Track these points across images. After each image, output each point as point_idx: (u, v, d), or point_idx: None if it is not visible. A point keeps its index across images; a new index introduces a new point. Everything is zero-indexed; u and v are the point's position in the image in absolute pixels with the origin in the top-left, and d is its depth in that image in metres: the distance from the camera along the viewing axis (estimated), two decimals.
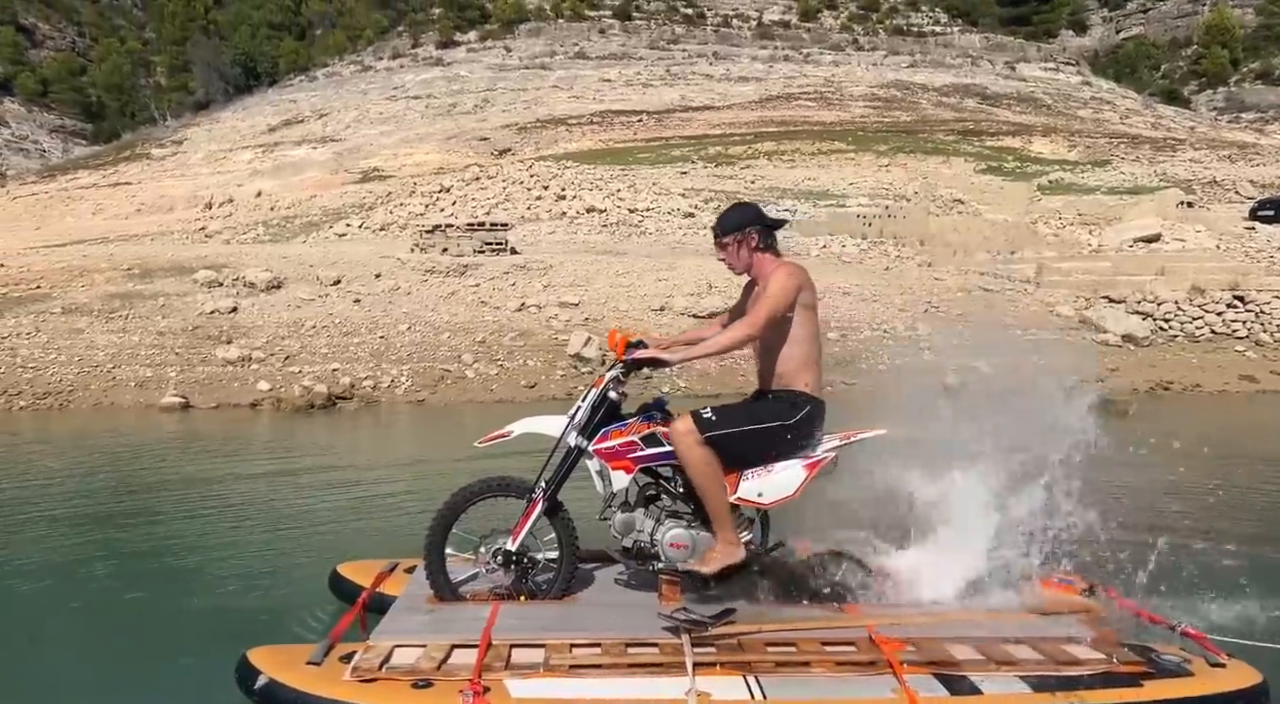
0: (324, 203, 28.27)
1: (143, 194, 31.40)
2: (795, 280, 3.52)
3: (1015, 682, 3.02)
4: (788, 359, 3.58)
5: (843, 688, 3.04)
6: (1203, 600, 3.68)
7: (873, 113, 43.97)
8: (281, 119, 44.94)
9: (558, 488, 3.73)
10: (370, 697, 3.06)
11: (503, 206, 25.06)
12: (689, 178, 28.87)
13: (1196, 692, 2.98)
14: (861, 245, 21.51)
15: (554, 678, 3.13)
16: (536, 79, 50.00)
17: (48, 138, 63.24)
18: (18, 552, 5.20)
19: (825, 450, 3.56)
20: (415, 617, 3.61)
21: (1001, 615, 3.42)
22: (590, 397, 3.75)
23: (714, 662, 3.17)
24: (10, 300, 14.15)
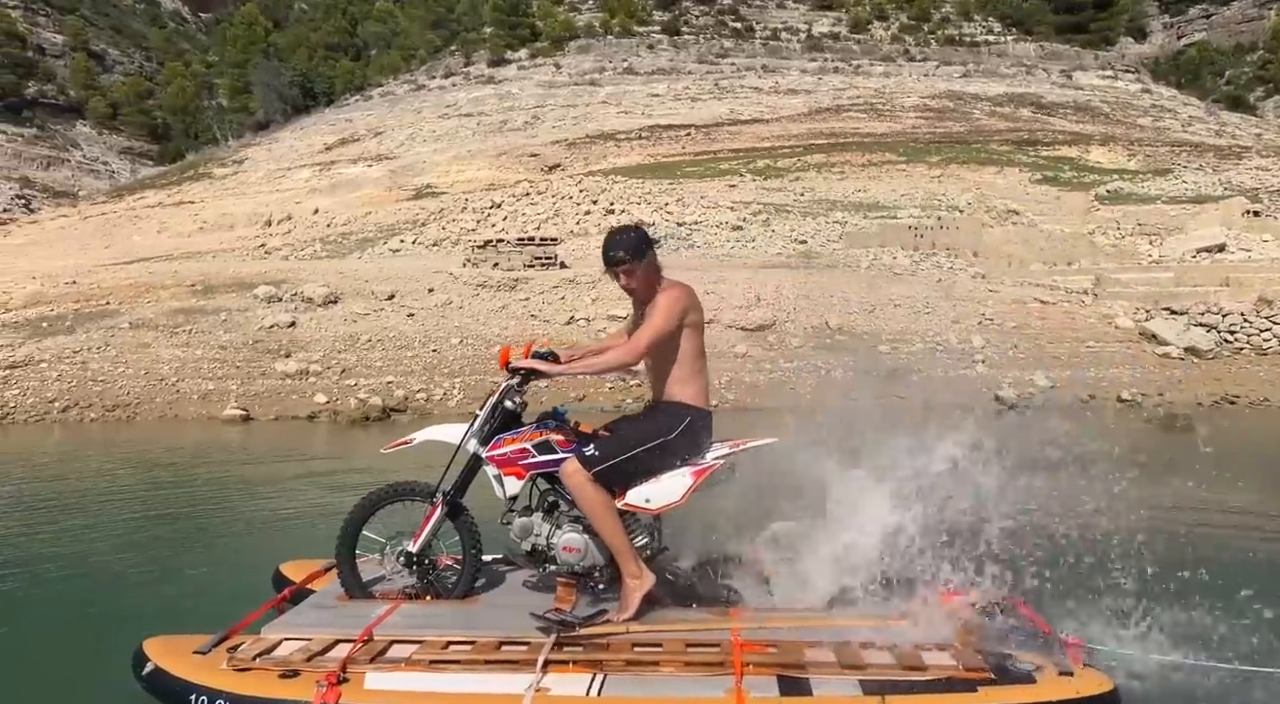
0: (379, 219, 28.85)
1: (205, 212, 32.37)
2: (681, 304, 3.65)
3: (850, 685, 3.07)
4: (671, 374, 3.70)
5: (679, 687, 3.12)
6: (1101, 611, 3.67)
7: (924, 123, 43.48)
8: (338, 138, 46.00)
9: (458, 493, 3.86)
10: (239, 685, 3.21)
11: (552, 221, 25.33)
12: (737, 191, 28.86)
13: (1030, 698, 3.00)
14: (913, 257, 21.27)
15: (413, 672, 3.24)
16: (586, 95, 50.48)
17: (117, 159, 65.59)
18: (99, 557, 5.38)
19: (714, 458, 3.65)
20: (317, 612, 3.78)
21: (875, 622, 3.43)
22: (488, 405, 3.88)
23: (568, 660, 3.26)
24: (82, 316, 14.70)
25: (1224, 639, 3.45)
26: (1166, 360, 13.89)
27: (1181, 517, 5.70)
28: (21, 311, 15.31)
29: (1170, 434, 10.58)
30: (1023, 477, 3.75)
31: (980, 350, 13.70)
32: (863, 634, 3.33)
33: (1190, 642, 3.44)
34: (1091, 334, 14.81)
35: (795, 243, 22.95)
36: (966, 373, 12.98)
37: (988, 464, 3.54)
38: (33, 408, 11.45)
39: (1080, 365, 13.53)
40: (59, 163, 61.91)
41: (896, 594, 3.53)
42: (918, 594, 3.52)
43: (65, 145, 64.02)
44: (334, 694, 3.12)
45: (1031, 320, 15.25)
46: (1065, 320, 15.40)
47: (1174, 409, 12.00)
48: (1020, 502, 3.61)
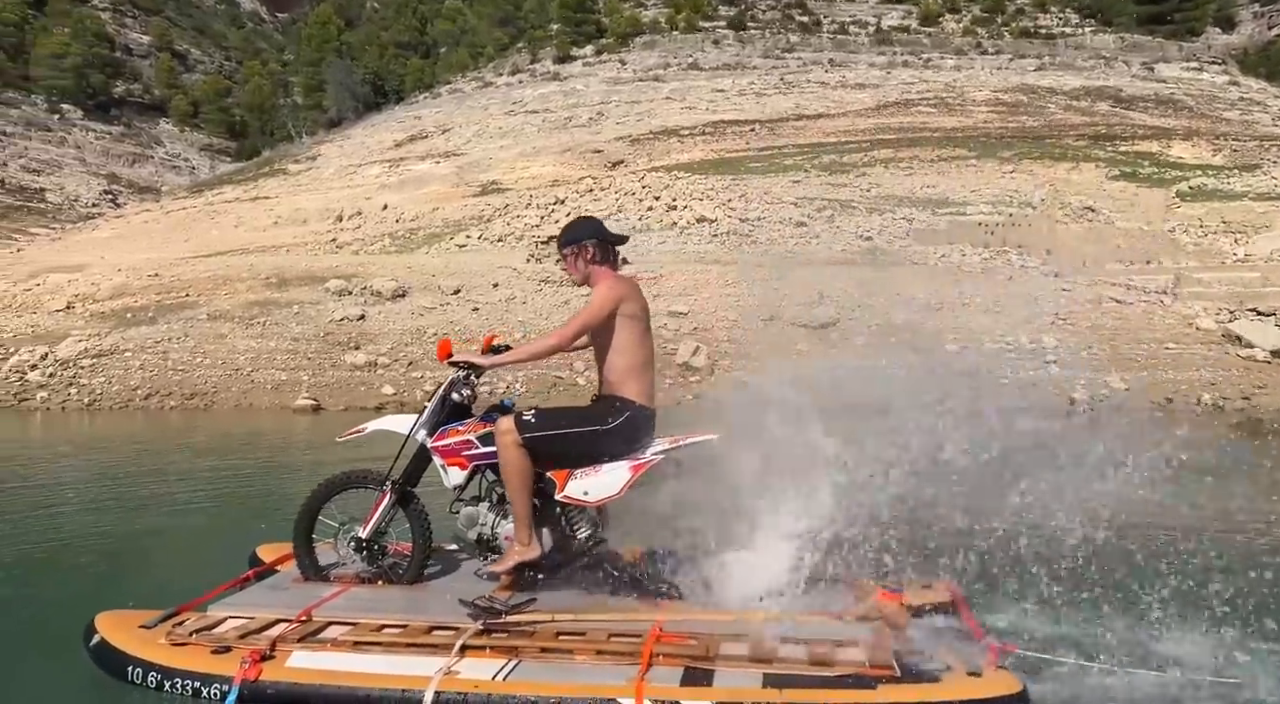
0: (445, 215, 29.30)
1: (280, 208, 33.31)
2: (614, 293, 3.73)
3: (752, 678, 3.13)
4: (612, 367, 3.77)
5: (584, 674, 3.21)
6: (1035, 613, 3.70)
7: (996, 118, 42.40)
8: (407, 135, 46.85)
9: (405, 481, 4.00)
10: (171, 658, 3.34)
11: (615, 217, 25.39)
12: (802, 187, 28.55)
13: (930, 697, 3.03)
14: (983, 254, 20.78)
15: (337, 652, 3.36)
16: (650, 91, 50.48)
17: (197, 156, 67.90)
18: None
19: (653, 454, 3.72)
20: (267, 593, 3.94)
21: (801, 617, 3.50)
22: (435, 397, 4.01)
23: (485, 645, 3.37)
24: (164, 308, 15.27)
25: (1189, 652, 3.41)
26: (1252, 363, 13.33)
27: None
28: (108, 302, 15.98)
29: (1257, 439, 10.15)
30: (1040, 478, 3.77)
31: (1052, 351, 13.34)
32: (785, 629, 3.38)
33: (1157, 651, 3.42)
34: (1171, 335, 14.28)
35: (860, 239, 22.62)
36: (1038, 374, 12.64)
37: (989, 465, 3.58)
38: (117, 395, 11.94)
39: (1158, 368, 13.06)
40: (144, 160, 64.38)
41: (833, 591, 3.60)
42: (852, 592, 3.61)
43: (150, 143, 66.54)
44: (255, 671, 3.22)
45: (1107, 321, 14.78)
46: (1143, 321, 14.88)
47: (1259, 414, 11.51)
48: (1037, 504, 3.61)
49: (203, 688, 3.25)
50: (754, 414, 4.07)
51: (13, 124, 58.41)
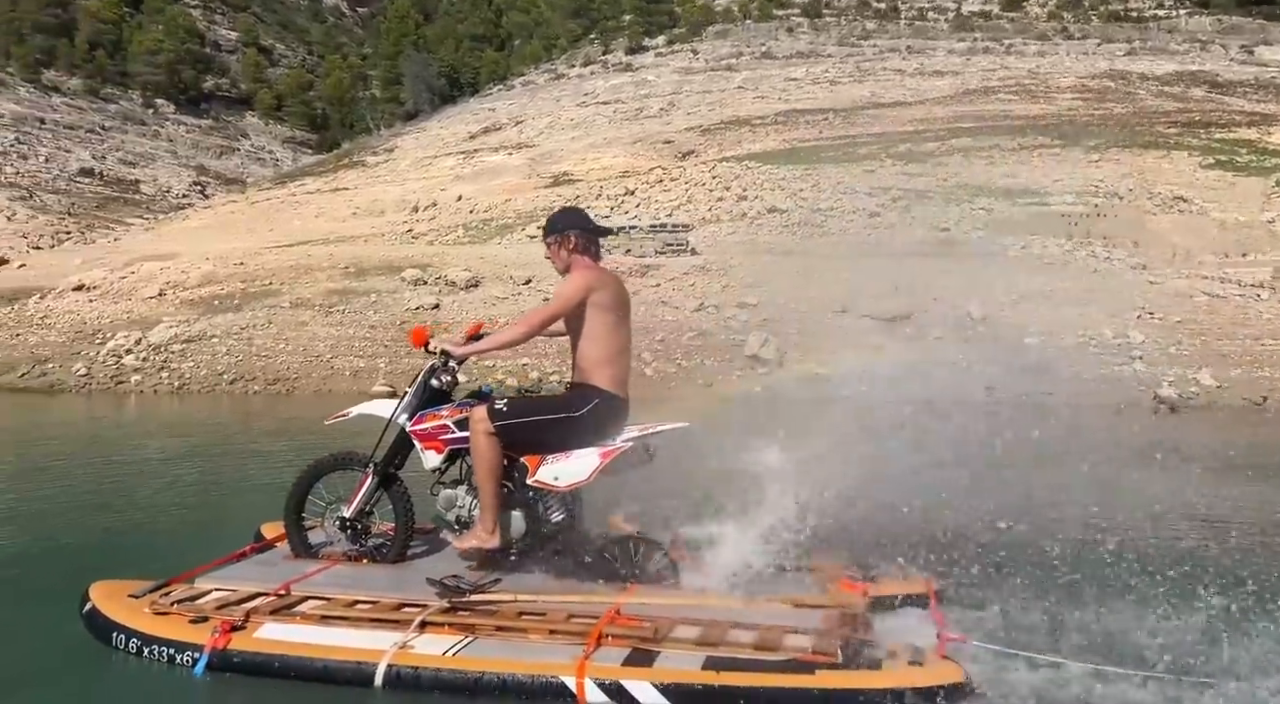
0: (517, 206, 29.64)
1: (358, 199, 34.14)
2: (583, 283, 3.81)
3: (694, 660, 3.21)
4: (584, 356, 3.86)
5: (531, 652, 3.31)
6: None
7: (1082, 105, 40.88)
8: (481, 127, 47.46)
9: (387, 464, 4.15)
10: (152, 626, 3.52)
11: (684, 208, 25.34)
12: (876, 176, 28.02)
13: (866, 683, 3.08)
14: (1065, 246, 20.11)
15: (305, 625, 3.51)
16: (722, 81, 50.10)
17: (280, 148, 70.03)
18: None
19: (623, 441, 3.81)
20: (255, 567, 4.11)
21: (757, 604, 3.57)
22: (416, 382, 4.14)
23: (444, 622, 3.48)
24: (249, 295, 15.83)
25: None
26: None
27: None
28: (196, 290, 16.64)
29: None
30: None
31: (1138, 346, 12.85)
32: (739, 614, 3.46)
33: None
34: (1268, 331, 13.62)
35: (937, 230, 22.09)
36: (1123, 370, 12.20)
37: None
38: (205, 379, 12.43)
39: (1253, 365, 12.47)
40: (230, 152, 66.69)
41: (802, 579, 3.69)
42: (820, 580, 3.70)
43: (236, 135, 68.89)
44: (225, 640, 3.38)
45: (1198, 315, 14.17)
46: (1237, 315, 14.22)
47: None
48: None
49: (176, 655, 3.41)
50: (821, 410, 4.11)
51: (111, 119, 61.12)
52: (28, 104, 57.08)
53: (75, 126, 58.20)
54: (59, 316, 15.85)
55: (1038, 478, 6.98)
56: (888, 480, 3.86)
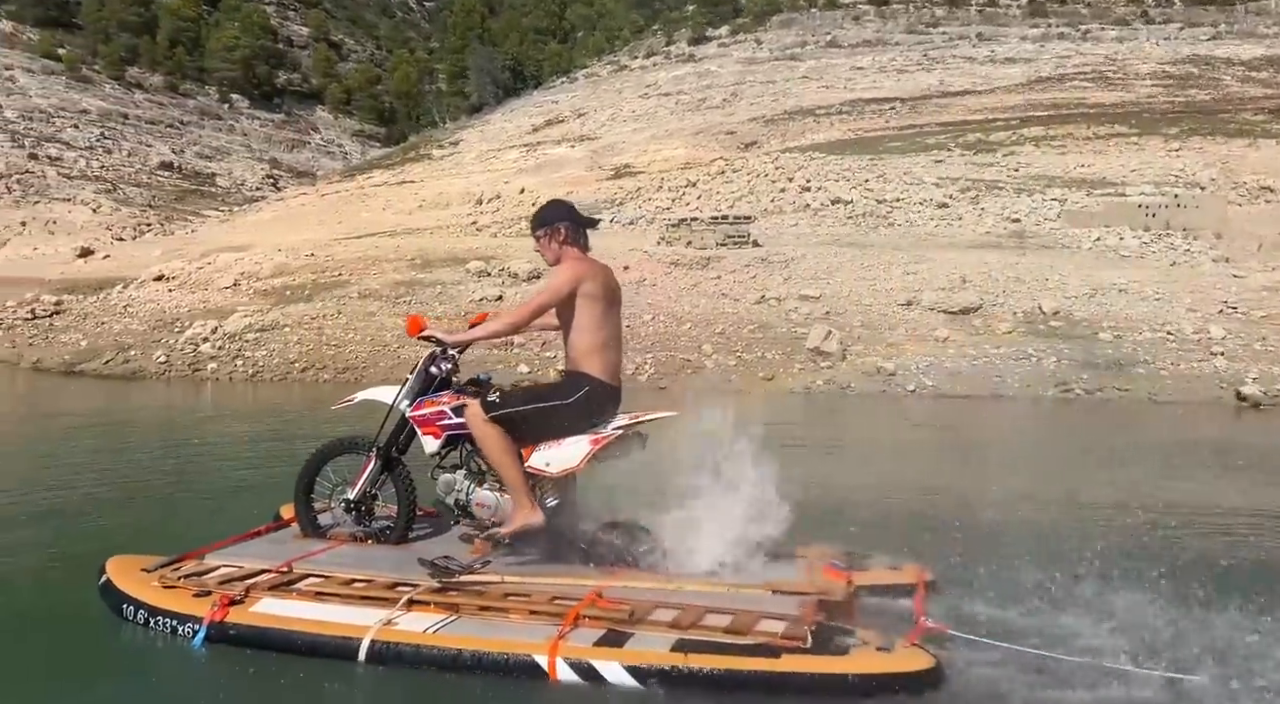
0: (579, 198, 29.77)
1: (424, 191, 34.72)
2: (572, 274, 3.89)
3: (665, 642, 3.28)
4: (574, 345, 3.94)
5: (508, 631, 3.42)
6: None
7: (1162, 92, 39.39)
8: (544, 119, 47.80)
9: (389, 448, 4.27)
10: (158, 599, 3.69)
11: (746, 200, 25.17)
12: (944, 166, 27.43)
13: (831, 668, 3.13)
14: (1143, 238, 19.44)
15: (300, 601, 3.65)
16: (786, 70, 49.56)
17: (349, 141, 71.61)
18: None
19: (613, 428, 3.88)
20: (264, 546, 4.27)
21: (738, 590, 3.62)
22: (416, 369, 4.24)
23: (430, 601, 3.59)
24: (319, 286, 16.25)
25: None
26: None
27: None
28: (269, 281, 17.13)
29: None
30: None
31: (1220, 342, 12.37)
32: (718, 599, 3.52)
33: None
34: None
35: (1007, 221, 21.55)
36: (1203, 366, 11.75)
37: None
38: (277, 367, 12.79)
39: None
40: (301, 145, 68.43)
41: (784, 567, 3.75)
42: (799, 568, 3.77)
43: (307, 129, 70.64)
44: (223, 613, 3.55)
45: None
46: None
47: None
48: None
49: (179, 626, 3.58)
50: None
51: (189, 114, 63.25)
52: (112, 101, 59.42)
53: (156, 122, 60.40)
54: (140, 306, 16.48)
55: (1099, 476, 6.80)
56: (928, 474, 3.83)
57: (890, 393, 11.30)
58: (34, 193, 46.92)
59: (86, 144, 54.21)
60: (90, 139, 54.85)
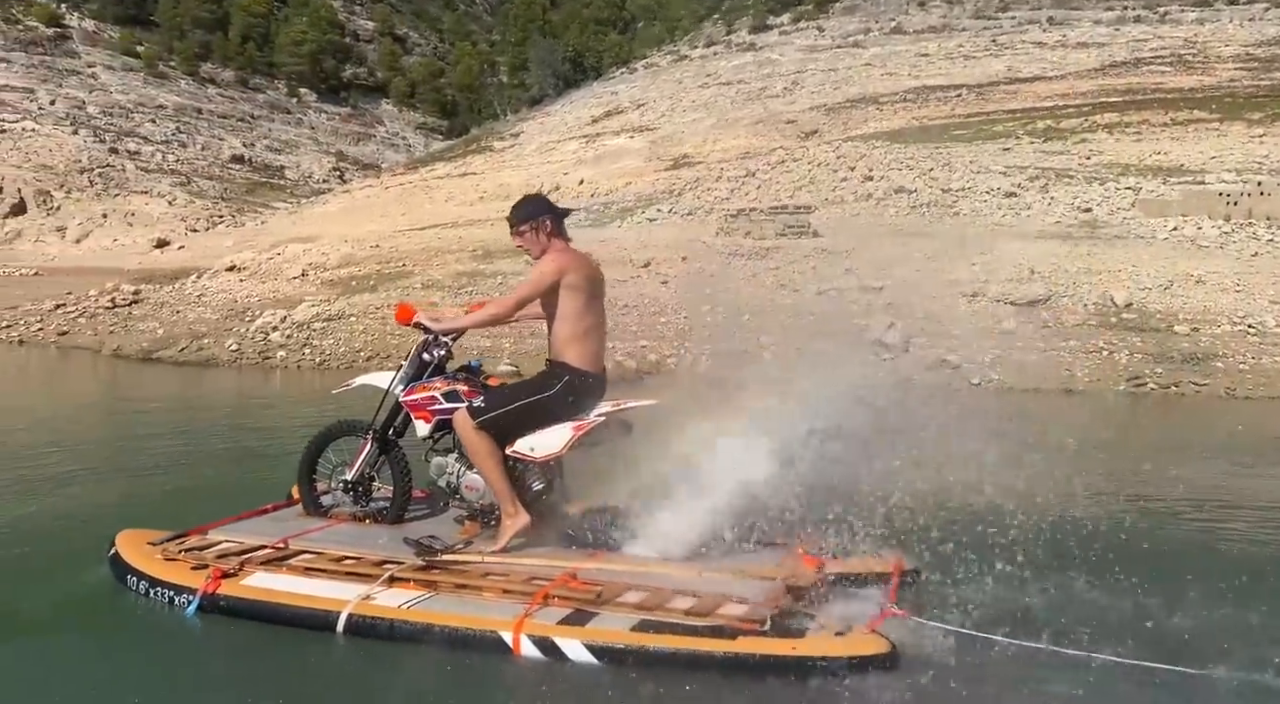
0: (637, 189, 29.80)
1: (485, 183, 35.09)
2: (556, 265, 4.02)
3: (627, 622, 3.40)
4: (556, 335, 4.07)
5: (477, 608, 3.55)
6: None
7: (1246, 76, 37.74)
8: (604, 110, 47.86)
9: (385, 431, 4.43)
10: (159, 571, 3.90)
11: (806, 189, 24.86)
12: (1012, 155, 26.73)
13: (781, 650, 3.22)
14: (1223, 228, 18.69)
15: (290, 575, 3.83)
16: (848, 58, 48.75)
17: (413, 134, 72.70)
18: None
19: (595, 415, 4.02)
20: (267, 523, 4.44)
21: (710, 573, 3.70)
22: (411, 355, 4.41)
23: (411, 578, 3.75)
24: (383, 276, 16.56)
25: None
26: None
27: None
28: (335, 271, 17.53)
29: None
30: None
31: None
32: (688, 583, 3.62)
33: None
34: None
35: (1078, 211, 20.91)
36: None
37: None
38: (343, 356, 13.09)
39: None
40: (367, 138, 69.71)
41: (759, 553, 3.85)
42: (774, 554, 3.85)
43: (372, 122, 71.92)
44: (216, 585, 3.74)
45: None
46: None
47: None
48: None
49: (175, 596, 3.80)
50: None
51: (259, 108, 64.89)
52: (187, 96, 61.29)
53: (228, 116, 62.10)
54: (213, 295, 17.03)
55: (1158, 473, 6.61)
56: (976, 469, 3.87)
57: (954, 386, 11.09)
58: (114, 186, 48.71)
59: (163, 138, 56.05)
60: (166, 133, 56.69)
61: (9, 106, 51.34)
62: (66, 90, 55.14)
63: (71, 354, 14.88)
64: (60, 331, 16.03)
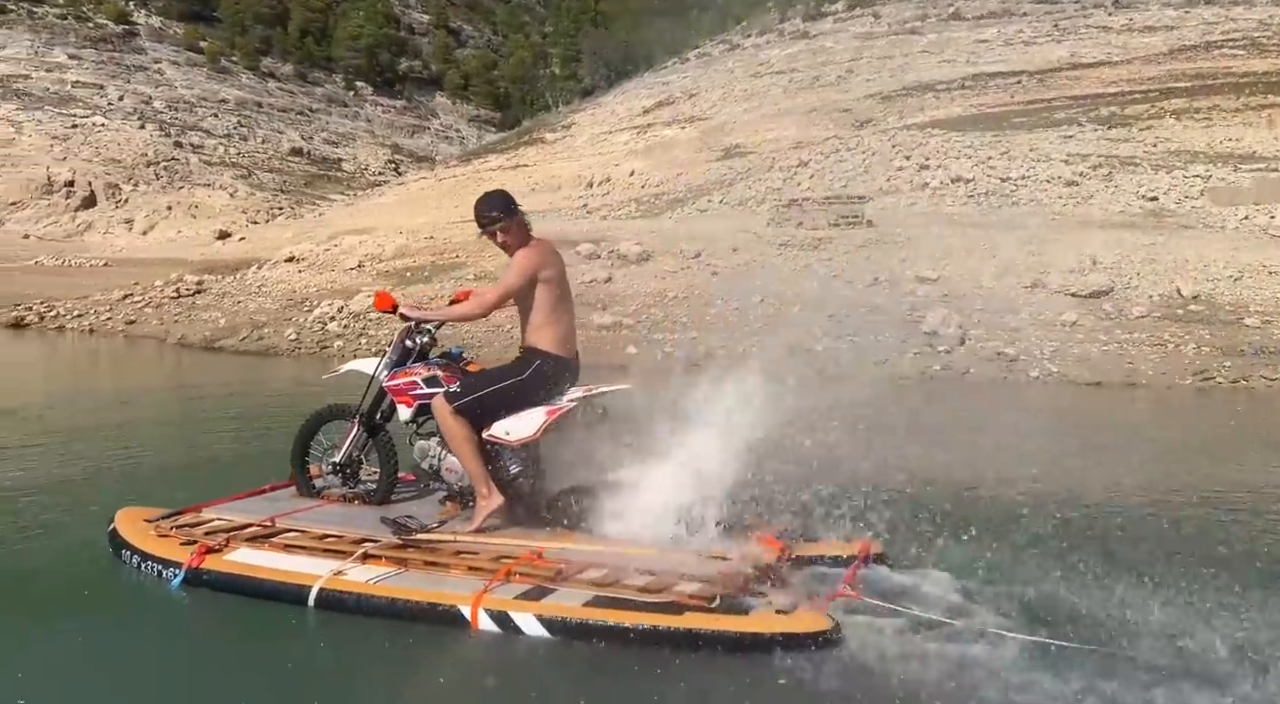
0: (688, 180, 29.68)
1: (536, 175, 35.30)
2: (532, 261, 4.20)
3: (581, 598, 3.53)
4: (529, 323, 4.25)
5: (442, 584, 3.70)
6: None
7: None
8: (655, 101, 47.73)
9: (371, 415, 4.58)
10: (150, 546, 4.09)
11: (860, 179, 24.51)
12: (1074, 142, 26.01)
13: (723, 625, 3.36)
14: None
15: (271, 551, 4.00)
16: (904, 45, 47.86)
17: (466, 126, 73.41)
18: None
19: (568, 401, 4.17)
20: (259, 503, 4.61)
21: (670, 553, 3.80)
22: (394, 343, 4.59)
23: (383, 555, 3.89)
24: (437, 268, 16.77)
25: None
26: None
27: None
28: (391, 262, 17.79)
29: None
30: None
31: None
32: (648, 563, 3.71)
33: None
34: None
35: (1143, 199, 20.28)
36: None
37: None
38: None
39: None
40: (421, 131, 70.59)
41: (720, 535, 3.92)
42: (740, 537, 3.91)
43: (426, 115, 72.78)
44: (199, 560, 3.92)
45: None
46: None
47: None
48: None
49: (163, 570, 3.99)
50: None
51: (317, 102, 66.11)
52: (248, 90, 62.69)
53: (287, 110, 63.40)
54: (273, 286, 17.41)
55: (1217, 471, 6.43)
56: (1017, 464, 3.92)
57: (1012, 379, 10.86)
58: (179, 179, 50.09)
59: (225, 132, 57.44)
60: (228, 127, 58.09)
61: (81, 102, 53.09)
62: (134, 86, 56.83)
63: (138, 343, 15.37)
64: (128, 321, 16.56)
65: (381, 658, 3.46)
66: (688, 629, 3.36)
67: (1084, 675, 3.10)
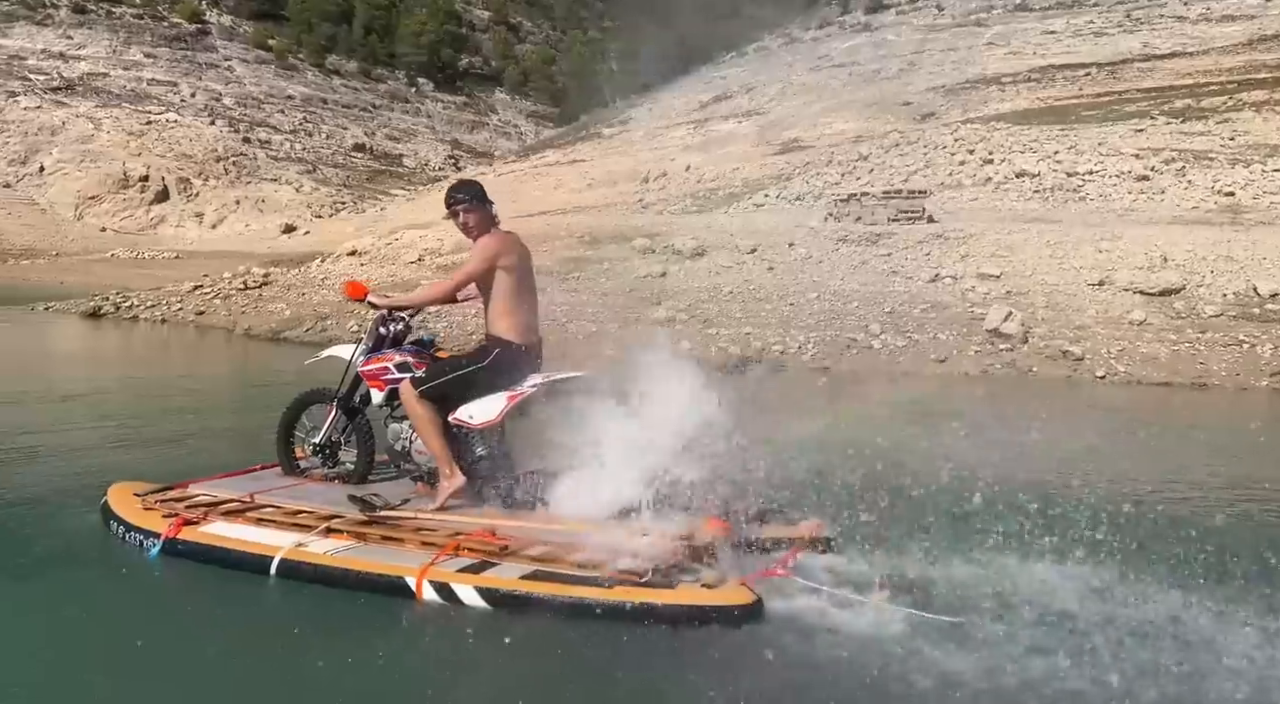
0: (745, 175, 29.52)
1: (593, 170, 35.46)
2: (492, 250, 4.35)
3: (518, 571, 3.71)
4: (491, 312, 4.40)
5: (394, 557, 3.89)
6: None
7: None
8: (712, 96, 47.58)
9: (349, 399, 4.78)
10: (135, 517, 4.34)
11: (922, 173, 24.09)
12: (1145, 136, 25.20)
13: (648, 598, 3.51)
14: None
15: (243, 525, 4.22)
16: (969, 37, 46.88)
17: (524, 122, 74.02)
18: None
19: (528, 386, 4.33)
20: (246, 481, 4.80)
21: (615, 532, 3.87)
22: (368, 329, 4.75)
23: (344, 530, 4.09)
24: None
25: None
26: None
27: None
28: (449, 257, 18.06)
29: None
30: None
31: None
32: (589, 539, 3.83)
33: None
34: None
35: (1219, 195, 19.57)
36: None
37: None
38: (457, 338, 13.49)
39: None
40: (480, 126, 71.39)
41: (671, 515, 3.99)
42: (682, 517, 3.98)
43: (486, 111, 73.58)
44: (176, 531, 4.17)
45: None
46: None
47: None
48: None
49: (144, 540, 4.24)
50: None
51: (380, 98, 67.31)
52: (313, 86, 64.12)
53: (350, 106, 64.68)
54: (336, 278, 17.81)
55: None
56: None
57: (1076, 378, 10.60)
58: (246, 174, 51.48)
59: (291, 128, 58.84)
60: (294, 123, 59.50)
61: (155, 99, 54.89)
62: (205, 83, 58.56)
63: (208, 333, 15.87)
64: (198, 312, 17.11)
65: (330, 625, 3.66)
66: (615, 602, 3.53)
67: (982, 651, 3.22)
